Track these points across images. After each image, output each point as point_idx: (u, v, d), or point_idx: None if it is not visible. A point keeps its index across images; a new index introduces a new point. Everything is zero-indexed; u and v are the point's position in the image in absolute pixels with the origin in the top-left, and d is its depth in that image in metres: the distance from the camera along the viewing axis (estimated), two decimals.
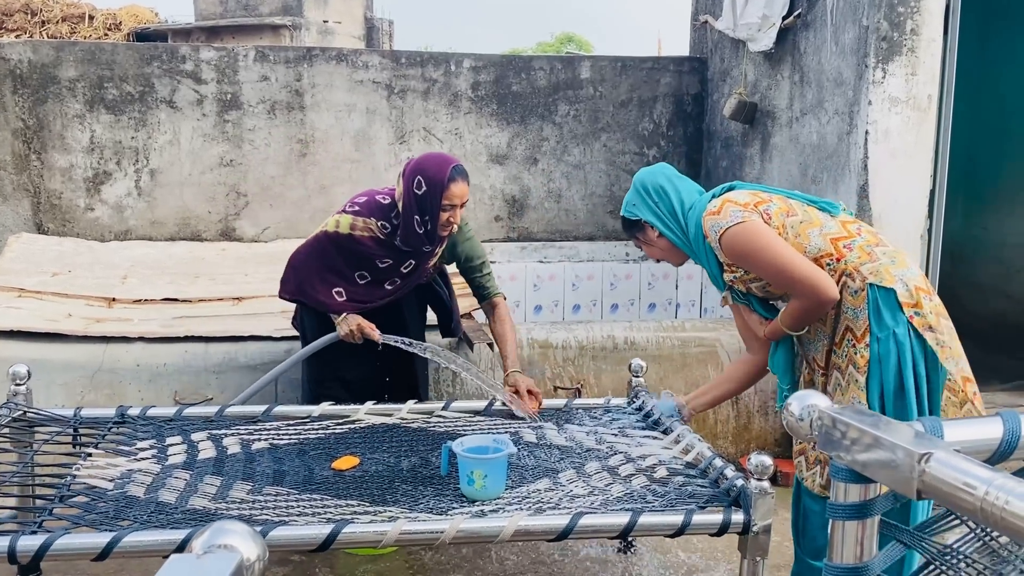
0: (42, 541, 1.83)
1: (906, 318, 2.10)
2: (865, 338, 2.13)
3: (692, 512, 2.04)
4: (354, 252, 2.87)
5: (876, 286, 2.12)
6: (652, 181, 2.38)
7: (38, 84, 4.59)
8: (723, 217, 2.19)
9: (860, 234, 2.23)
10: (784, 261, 2.13)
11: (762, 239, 2.15)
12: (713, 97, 5.07)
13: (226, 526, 0.73)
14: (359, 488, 2.24)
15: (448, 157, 2.85)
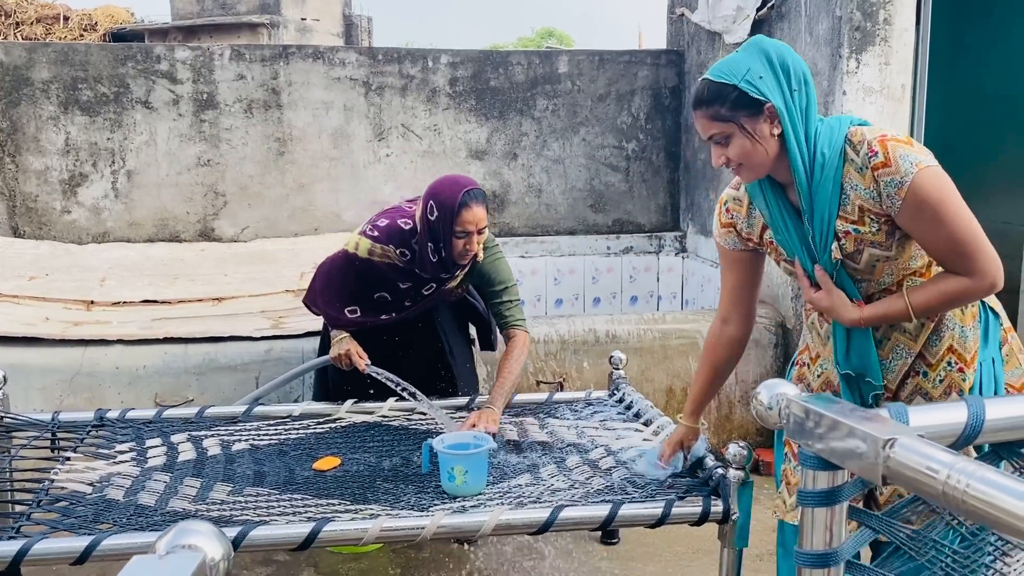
0: (20, 546, 1.82)
1: (1001, 337, 1.85)
2: (974, 364, 1.81)
3: (672, 502, 2.06)
4: (373, 276, 2.77)
5: (987, 305, 1.85)
6: (795, 62, 1.74)
7: (11, 86, 4.54)
8: (919, 151, 1.71)
9: None
10: (976, 227, 1.73)
11: (958, 196, 1.73)
12: (691, 89, 5.08)
13: (190, 526, 0.73)
14: (340, 487, 2.24)
15: (463, 180, 2.69)
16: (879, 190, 1.69)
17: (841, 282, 1.82)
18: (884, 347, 1.84)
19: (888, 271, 1.80)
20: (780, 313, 3.91)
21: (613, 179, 5.21)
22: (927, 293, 1.75)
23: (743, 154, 1.77)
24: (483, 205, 2.62)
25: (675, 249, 5.20)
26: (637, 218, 5.27)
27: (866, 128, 1.75)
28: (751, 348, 3.78)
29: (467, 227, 2.58)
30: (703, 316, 3.93)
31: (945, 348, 1.81)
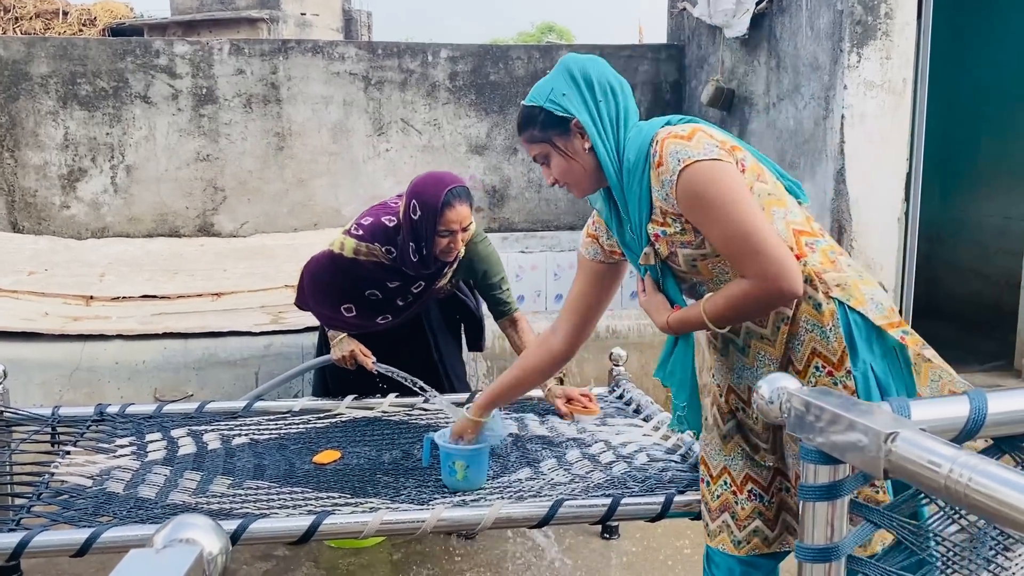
0: (20, 538, 1.82)
1: (894, 340, 1.64)
2: (844, 365, 1.63)
3: (672, 495, 2.05)
4: (360, 275, 2.74)
5: (847, 306, 1.64)
6: (598, 73, 1.74)
7: (9, 81, 4.53)
8: (695, 146, 1.61)
9: (824, 236, 1.74)
10: (756, 225, 1.58)
11: (736, 190, 1.59)
12: (691, 84, 5.07)
13: (188, 520, 0.73)
14: (340, 481, 2.23)
15: (447, 178, 2.62)
16: (663, 189, 1.64)
17: (666, 285, 1.79)
18: (748, 355, 1.76)
19: (718, 269, 1.70)
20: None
21: None
22: (717, 298, 1.67)
23: (562, 172, 1.77)
24: (467, 203, 2.58)
25: None
26: None
27: (674, 127, 1.68)
28: None
29: (451, 226, 2.54)
30: None
31: (808, 352, 1.66)
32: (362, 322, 2.80)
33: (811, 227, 1.72)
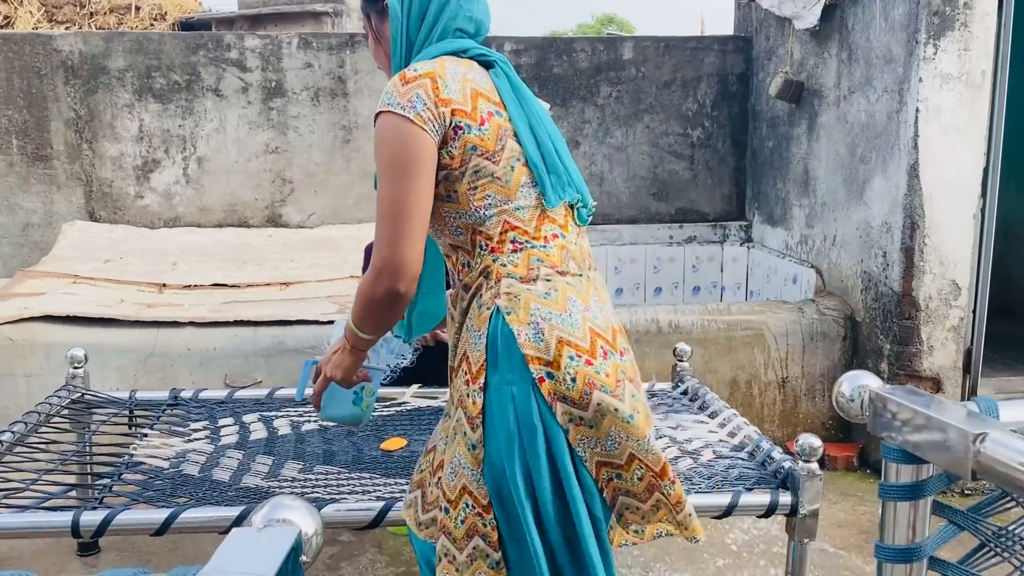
0: (103, 516, 1.89)
1: (531, 376, 1.45)
2: (480, 379, 1.48)
3: (739, 493, 2.04)
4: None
5: (503, 319, 1.47)
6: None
7: (89, 75, 4.68)
8: (403, 94, 1.44)
9: (547, 241, 1.52)
10: (393, 200, 1.43)
11: (397, 156, 1.43)
12: (759, 76, 4.99)
13: (284, 501, 0.75)
14: (408, 468, 2.27)
15: None
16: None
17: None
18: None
19: (450, 226, 1.55)
20: (849, 305, 3.83)
21: (677, 167, 5.15)
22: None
23: (372, 51, 1.68)
24: None
25: (740, 239, 5.13)
26: (701, 207, 5.20)
27: (424, 64, 1.49)
28: (818, 341, 3.73)
29: None
30: (769, 308, 3.87)
31: (462, 353, 1.55)
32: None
33: (539, 228, 1.53)
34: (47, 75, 4.64)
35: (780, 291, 4.55)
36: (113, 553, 2.83)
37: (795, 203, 4.48)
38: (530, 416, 1.45)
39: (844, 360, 3.81)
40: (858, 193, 3.79)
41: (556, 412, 1.46)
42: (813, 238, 4.26)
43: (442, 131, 1.45)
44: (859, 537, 3.02)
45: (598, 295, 1.59)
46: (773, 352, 3.75)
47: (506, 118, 1.52)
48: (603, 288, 1.65)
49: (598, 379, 1.47)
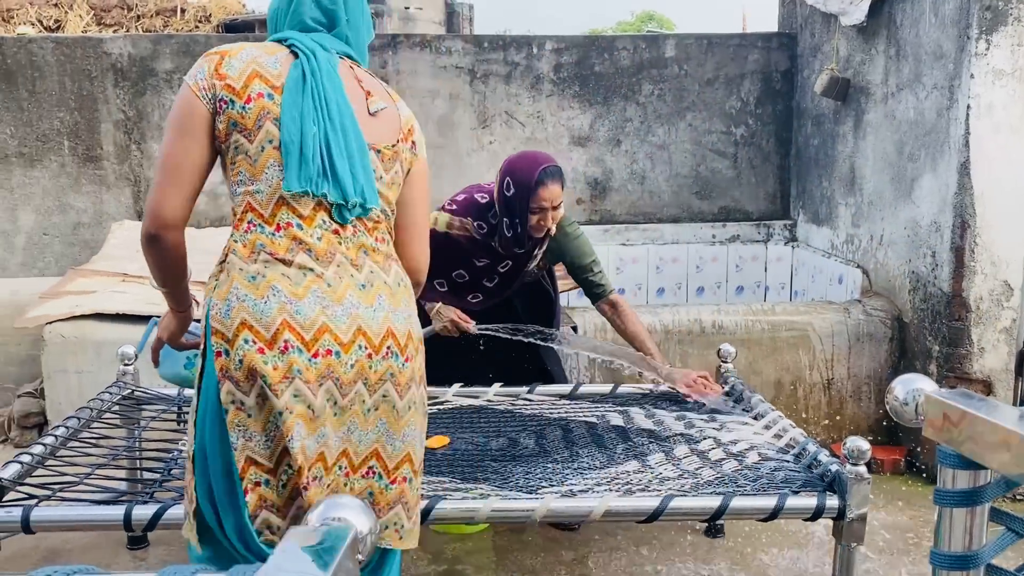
0: (155, 510, 1.92)
1: (212, 348, 1.53)
2: (201, 344, 1.59)
3: (786, 496, 2.02)
4: (451, 251, 2.81)
5: (215, 285, 1.60)
6: None
7: (137, 77, 4.77)
8: (195, 65, 1.61)
9: (278, 229, 1.56)
10: (162, 152, 1.59)
11: (172, 118, 1.60)
12: (803, 73, 4.92)
13: (339, 500, 0.76)
14: (450, 466, 2.28)
15: (541, 157, 2.70)
16: None
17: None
18: None
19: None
20: (896, 306, 3.76)
21: (720, 165, 5.11)
22: None
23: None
24: (559, 182, 2.65)
25: (784, 238, 5.06)
26: (745, 205, 5.15)
27: (235, 45, 1.64)
28: (865, 342, 3.67)
29: (543, 204, 2.62)
30: (814, 308, 3.82)
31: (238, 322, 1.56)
32: (454, 299, 2.87)
33: (273, 214, 1.56)
34: (97, 77, 4.74)
35: (825, 291, 4.48)
36: (161, 547, 2.88)
37: (841, 202, 4.42)
38: (212, 384, 1.53)
39: (891, 362, 3.74)
40: (906, 192, 3.72)
41: (222, 389, 1.51)
42: (859, 237, 4.19)
43: (212, 102, 1.57)
44: (906, 542, 2.97)
45: (360, 295, 1.58)
46: (819, 353, 3.70)
47: (276, 102, 1.56)
48: (383, 288, 1.62)
49: (263, 369, 1.49)
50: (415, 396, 1.66)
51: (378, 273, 1.62)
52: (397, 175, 1.68)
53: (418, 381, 1.68)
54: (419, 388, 1.68)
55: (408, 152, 1.71)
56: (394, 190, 1.68)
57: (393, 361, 1.60)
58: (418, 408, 1.68)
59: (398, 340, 1.61)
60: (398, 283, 1.66)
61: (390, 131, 1.68)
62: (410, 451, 1.66)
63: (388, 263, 1.65)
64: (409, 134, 1.72)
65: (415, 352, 1.66)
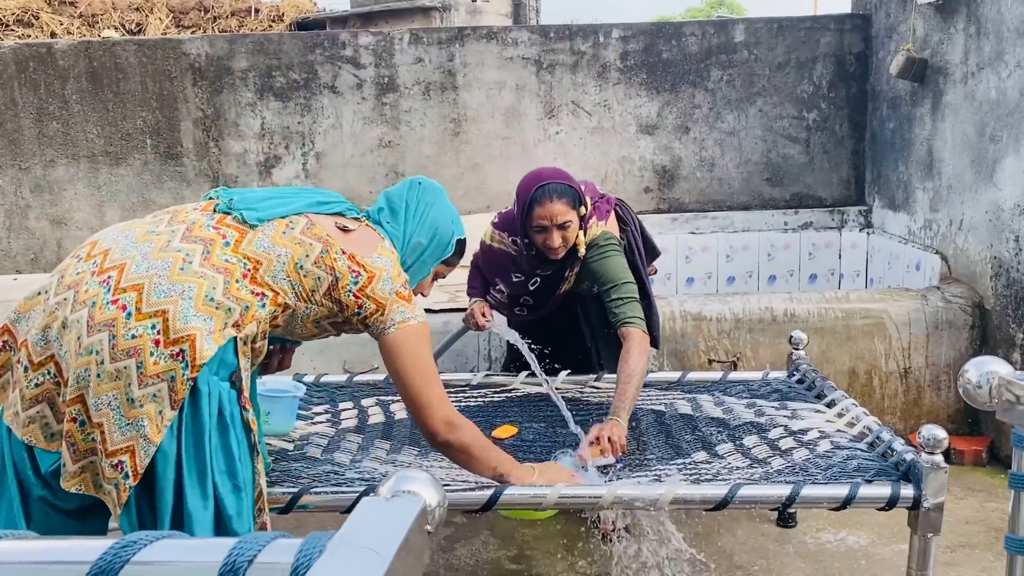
0: None
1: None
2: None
3: (858, 485, 1.98)
4: (494, 264, 2.83)
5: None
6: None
7: (214, 76, 4.93)
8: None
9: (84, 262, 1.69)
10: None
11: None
12: (878, 55, 4.79)
13: (409, 474, 0.79)
14: (518, 455, 2.30)
15: (546, 173, 2.57)
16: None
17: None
18: None
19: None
20: (977, 293, 3.65)
21: (792, 151, 5.01)
22: None
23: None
24: (563, 200, 2.49)
25: (859, 224, 4.94)
26: (817, 192, 5.05)
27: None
28: (944, 330, 3.57)
29: (541, 222, 2.50)
30: (891, 295, 3.73)
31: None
32: (506, 308, 2.87)
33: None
34: (177, 77, 4.91)
35: (902, 278, 4.37)
36: None
37: (918, 186, 4.29)
38: None
39: (972, 350, 3.63)
40: (987, 174, 3.60)
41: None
42: (938, 222, 4.07)
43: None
44: (988, 534, 2.89)
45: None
46: (895, 341, 3.61)
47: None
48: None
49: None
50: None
51: None
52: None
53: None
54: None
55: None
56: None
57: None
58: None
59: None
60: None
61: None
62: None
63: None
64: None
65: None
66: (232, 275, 1.67)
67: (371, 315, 1.79)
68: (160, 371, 1.57)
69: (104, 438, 1.56)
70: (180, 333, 1.58)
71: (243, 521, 1.67)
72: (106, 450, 1.57)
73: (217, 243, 1.70)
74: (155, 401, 1.57)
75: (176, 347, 1.58)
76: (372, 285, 1.78)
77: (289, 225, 1.77)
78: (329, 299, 1.77)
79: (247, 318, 1.68)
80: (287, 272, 1.72)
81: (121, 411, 1.56)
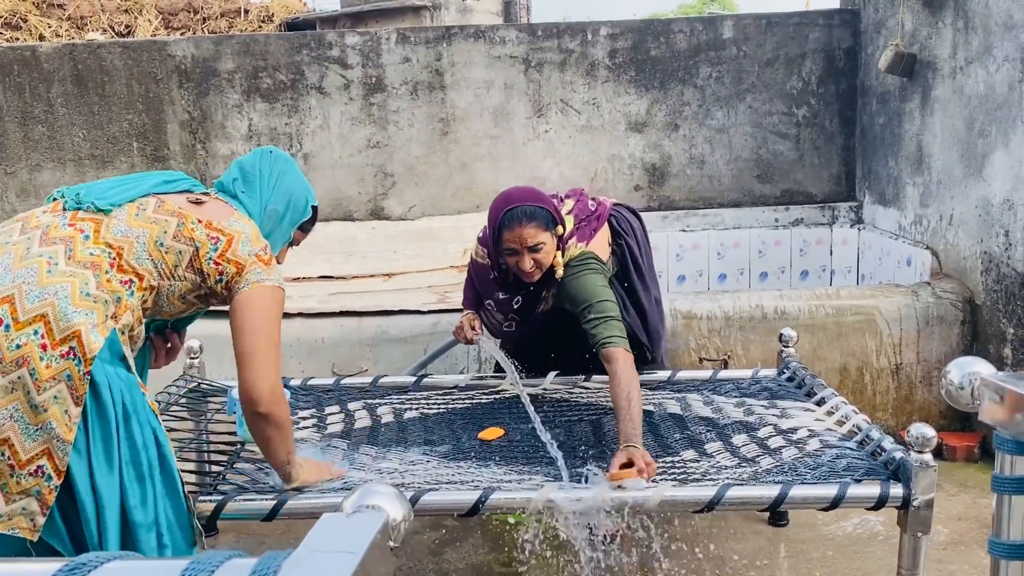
0: (218, 502, 1.98)
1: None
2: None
3: (847, 484, 1.97)
4: (480, 279, 2.76)
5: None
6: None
7: (200, 78, 4.89)
8: None
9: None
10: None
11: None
12: (867, 50, 4.78)
13: (374, 488, 0.77)
14: (505, 457, 2.29)
15: (515, 196, 2.48)
16: None
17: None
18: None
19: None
20: (967, 288, 3.64)
21: (782, 147, 5.00)
22: None
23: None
24: (532, 223, 2.39)
25: (850, 220, 4.93)
26: (808, 188, 5.03)
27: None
28: (935, 325, 3.56)
29: (510, 246, 2.43)
30: (881, 292, 3.72)
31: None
32: (495, 320, 2.79)
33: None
34: (163, 79, 4.88)
35: (893, 274, 4.36)
36: (230, 534, 2.96)
37: (908, 182, 4.28)
38: None
39: (963, 345, 3.62)
40: (977, 169, 3.59)
41: None
42: (928, 218, 4.06)
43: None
44: (980, 531, 2.88)
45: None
46: (886, 338, 3.60)
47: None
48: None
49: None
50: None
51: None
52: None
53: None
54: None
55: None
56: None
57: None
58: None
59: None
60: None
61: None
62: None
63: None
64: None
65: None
66: (100, 268, 1.71)
67: (232, 278, 1.82)
68: (54, 373, 1.59)
69: (15, 450, 1.57)
70: (66, 332, 1.61)
71: (147, 511, 1.70)
72: (19, 462, 1.58)
73: (77, 239, 1.73)
74: (57, 403, 1.59)
75: (65, 346, 1.60)
76: (232, 248, 1.82)
77: (140, 207, 1.81)
78: (192, 271, 1.81)
79: (121, 308, 1.72)
80: (148, 252, 1.77)
81: (26, 420, 1.58)
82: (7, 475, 1.59)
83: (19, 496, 1.59)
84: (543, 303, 2.66)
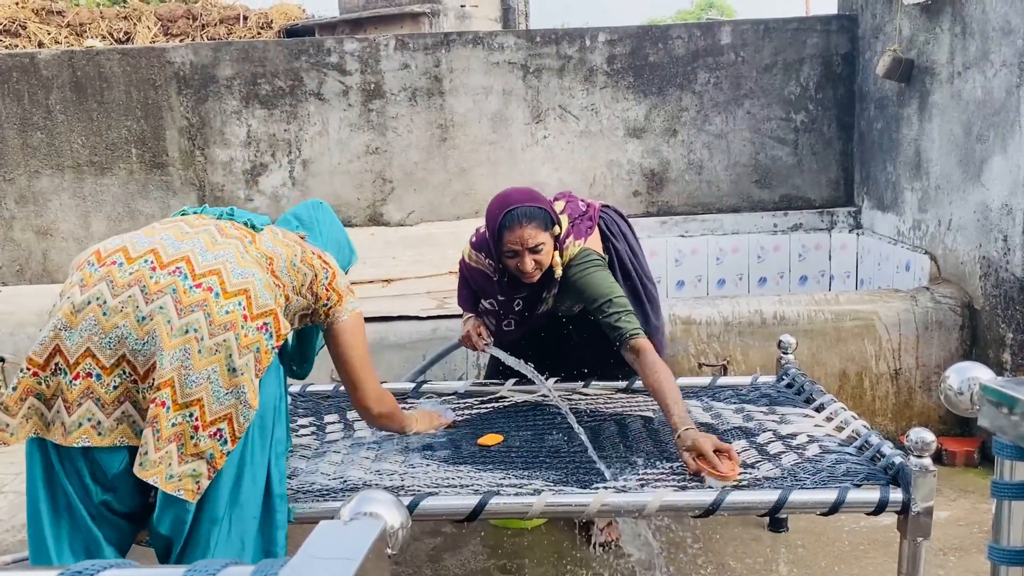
0: None
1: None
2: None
3: (847, 489, 1.97)
4: (475, 282, 2.76)
5: None
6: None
7: (199, 84, 4.90)
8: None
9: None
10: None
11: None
12: (865, 56, 4.79)
13: (371, 495, 0.77)
14: (505, 463, 2.28)
15: (514, 196, 2.48)
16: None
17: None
18: None
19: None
20: (966, 293, 3.64)
21: (780, 153, 5.00)
22: None
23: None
24: (532, 223, 2.40)
25: (849, 225, 4.94)
26: (807, 193, 5.04)
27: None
28: (934, 331, 3.56)
29: (511, 247, 2.43)
30: (880, 297, 3.72)
31: None
32: (494, 322, 2.78)
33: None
34: (161, 86, 4.88)
35: (892, 279, 4.36)
36: None
37: (907, 187, 4.28)
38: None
39: (962, 350, 3.62)
40: (975, 174, 3.59)
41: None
42: (927, 223, 4.06)
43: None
44: (980, 537, 2.87)
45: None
46: (885, 343, 3.60)
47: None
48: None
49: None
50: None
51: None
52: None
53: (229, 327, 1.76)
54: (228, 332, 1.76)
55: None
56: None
57: (179, 279, 1.76)
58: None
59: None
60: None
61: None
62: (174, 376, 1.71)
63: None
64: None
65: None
66: (264, 269, 1.91)
67: (334, 305, 2.04)
68: (249, 343, 1.76)
69: (203, 411, 1.70)
70: (263, 308, 1.81)
71: (283, 485, 1.93)
72: (204, 422, 1.70)
73: (245, 241, 1.92)
74: (248, 370, 1.75)
75: (259, 320, 1.79)
76: (336, 280, 2.05)
77: (274, 232, 2.03)
78: (310, 292, 2.00)
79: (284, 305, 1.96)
80: (287, 268, 1.96)
81: (220, 382, 1.72)
82: (188, 436, 1.71)
83: (192, 458, 1.71)
84: (543, 304, 2.67)
